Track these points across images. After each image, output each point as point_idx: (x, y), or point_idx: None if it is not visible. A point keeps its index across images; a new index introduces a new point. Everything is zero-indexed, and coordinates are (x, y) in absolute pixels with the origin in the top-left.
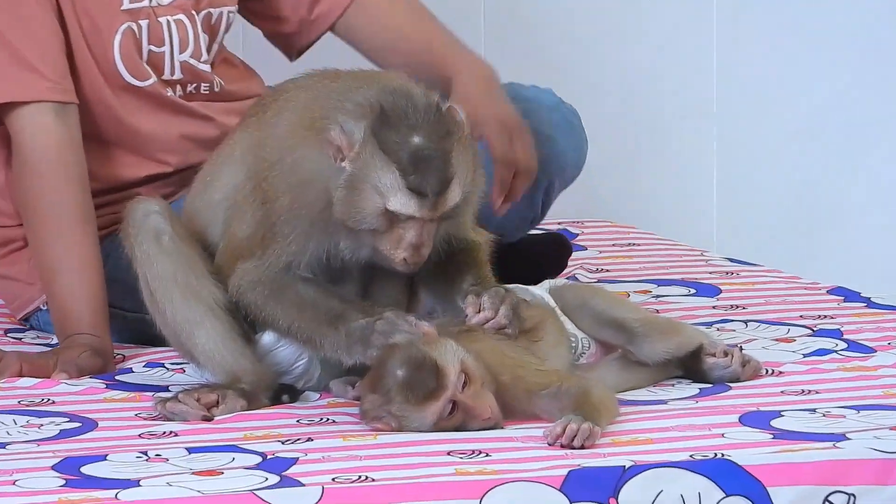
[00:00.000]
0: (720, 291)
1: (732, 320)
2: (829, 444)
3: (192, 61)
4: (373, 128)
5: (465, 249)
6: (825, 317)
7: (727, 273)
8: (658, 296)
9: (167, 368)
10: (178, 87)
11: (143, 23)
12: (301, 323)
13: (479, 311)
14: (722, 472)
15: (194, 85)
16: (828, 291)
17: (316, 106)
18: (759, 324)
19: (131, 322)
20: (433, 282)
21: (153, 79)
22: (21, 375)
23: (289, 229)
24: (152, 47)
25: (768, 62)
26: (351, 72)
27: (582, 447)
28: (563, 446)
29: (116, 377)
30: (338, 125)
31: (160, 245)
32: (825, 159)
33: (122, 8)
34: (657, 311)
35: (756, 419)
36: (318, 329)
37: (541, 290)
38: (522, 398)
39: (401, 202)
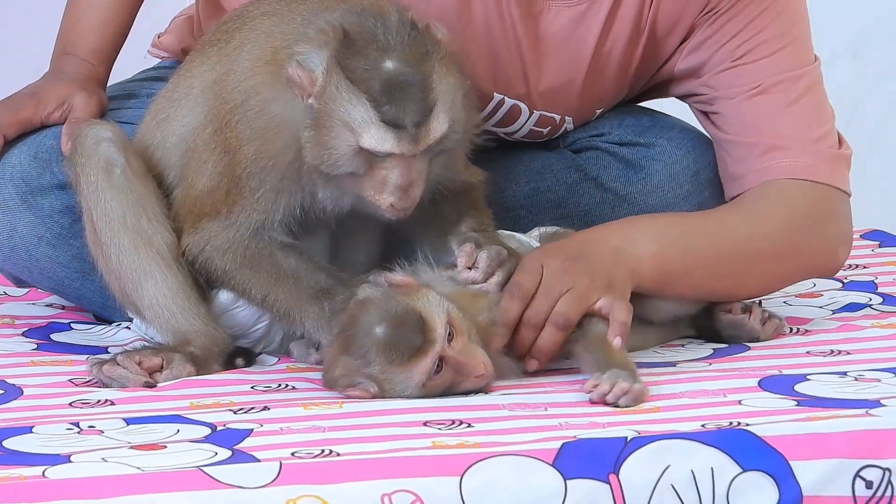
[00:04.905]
0: None
1: None
2: (862, 411)
3: None
4: (337, 56)
5: (461, 191)
6: (857, 266)
7: None
8: None
9: (108, 324)
10: None
11: None
12: (279, 296)
13: (471, 268)
14: (738, 444)
15: None
16: (861, 236)
17: (278, 34)
18: None
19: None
20: (427, 227)
21: None
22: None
23: (256, 183)
24: None
25: None
26: None
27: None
28: (605, 403)
29: (50, 335)
30: (293, 60)
31: (110, 179)
32: (866, 82)
33: None
34: None
35: (778, 384)
36: (299, 304)
37: (529, 238)
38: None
39: (375, 138)
